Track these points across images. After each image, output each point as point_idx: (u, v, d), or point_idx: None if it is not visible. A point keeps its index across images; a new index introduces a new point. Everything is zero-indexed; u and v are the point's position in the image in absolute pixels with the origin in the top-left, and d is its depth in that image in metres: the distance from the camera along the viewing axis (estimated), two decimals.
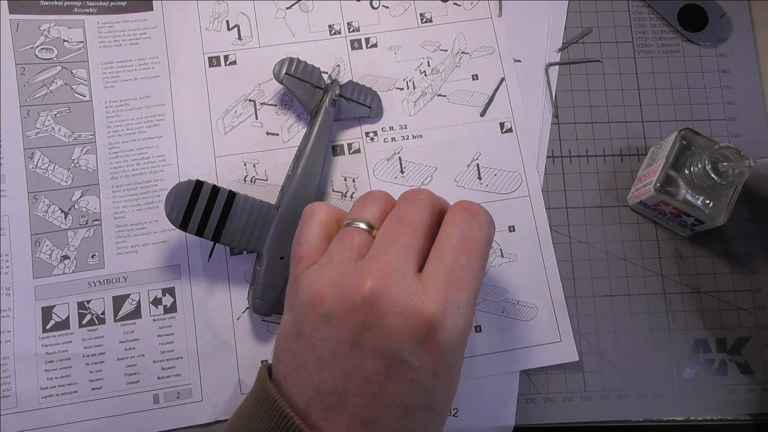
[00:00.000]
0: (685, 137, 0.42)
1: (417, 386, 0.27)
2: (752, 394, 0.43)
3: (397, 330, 0.27)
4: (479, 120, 0.47)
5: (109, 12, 0.48)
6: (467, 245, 0.29)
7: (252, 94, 0.47)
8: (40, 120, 0.46)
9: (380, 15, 0.49)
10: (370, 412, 0.27)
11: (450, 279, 0.28)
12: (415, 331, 0.27)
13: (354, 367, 0.28)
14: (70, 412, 0.41)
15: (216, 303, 0.43)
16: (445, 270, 0.28)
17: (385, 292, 0.28)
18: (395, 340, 0.27)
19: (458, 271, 0.28)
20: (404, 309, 0.27)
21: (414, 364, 0.27)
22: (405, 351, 0.27)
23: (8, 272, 0.43)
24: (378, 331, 0.27)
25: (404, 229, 0.30)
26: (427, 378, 0.27)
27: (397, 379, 0.27)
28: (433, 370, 0.27)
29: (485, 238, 0.30)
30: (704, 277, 0.45)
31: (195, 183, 0.40)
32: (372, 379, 0.27)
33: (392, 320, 0.27)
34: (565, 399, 0.43)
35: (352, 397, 0.28)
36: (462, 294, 0.28)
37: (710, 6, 0.49)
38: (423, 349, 0.27)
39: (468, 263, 0.29)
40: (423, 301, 0.27)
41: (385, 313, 0.27)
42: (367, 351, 0.27)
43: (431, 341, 0.27)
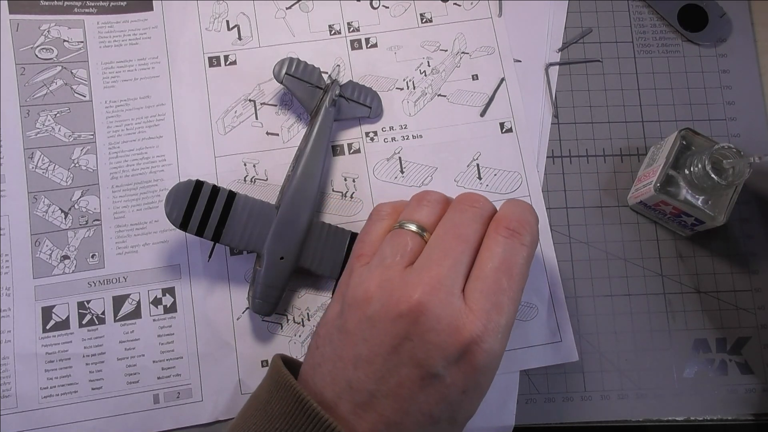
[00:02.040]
0: (685, 137, 0.42)
1: (445, 399, 0.29)
2: (752, 394, 0.43)
3: (436, 345, 0.28)
4: (479, 120, 0.47)
5: (109, 12, 0.48)
6: (508, 267, 0.30)
7: (252, 94, 0.47)
8: (40, 120, 0.46)
9: (380, 15, 0.49)
10: (397, 415, 0.28)
11: (492, 303, 0.29)
12: (454, 349, 0.28)
13: (390, 371, 0.29)
14: (70, 412, 0.41)
15: (216, 303, 0.43)
16: (487, 293, 0.29)
17: (431, 308, 0.29)
18: (433, 355, 0.28)
19: (500, 295, 0.29)
20: (447, 327, 0.28)
21: (447, 379, 0.28)
22: (440, 366, 0.28)
23: (8, 272, 0.43)
24: (419, 343, 0.29)
25: (457, 243, 0.31)
26: (456, 393, 0.29)
27: (428, 391, 0.28)
28: (464, 388, 0.29)
29: (526, 256, 0.31)
30: (704, 277, 0.45)
31: (195, 183, 0.40)
32: (404, 385, 0.29)
33: (434, 336, 0.28)
34: (565, 399, 0.43)
35: (383, 398, 0.29)
36: (502, 319, 0.29)
37: (710, 6, 0.49)
38: (457, 367, 0.28)
39: (509, 286, 0.30)
40: (465, 322, 0.28)
41: (429, 329, 0.29)
42: (405, 359, 0.29)
43: (466, 361, 0.28)
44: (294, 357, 0.38)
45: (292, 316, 0.43)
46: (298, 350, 0.43)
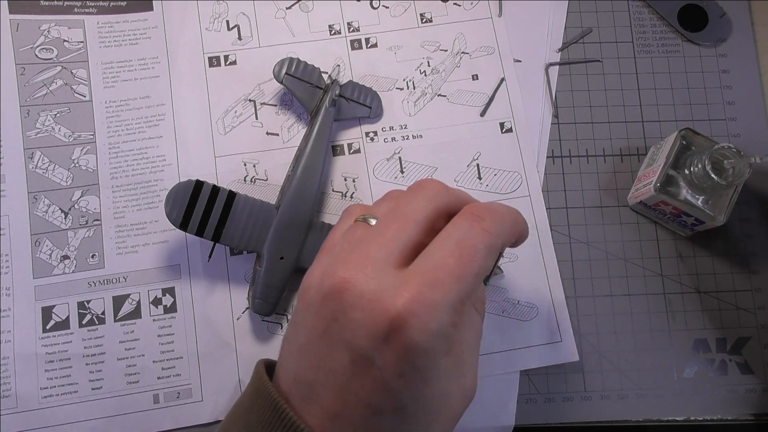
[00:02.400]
0: (685, 137, 0.42)
1: (381, 386, 0.26)
2: (752, 394, 0.43)
3: (361, 323, 0.26)
4: (479, 120, 0.47)
5: (109, 12, 0.48)
6: (459, 248, 0.27)
7: (252, 94, 0.47)
8: (40, 120, 0.46)
9: (380, 15, 0.49)
10: (337, 405, 0.27)
11: (429, 279, 0.26)
12: (380, 327, 0.26)
13: (323, 358, 0.27)
14: (70, 412, 0.41)
15: (216, 303, 0.43)
16: (426, 269, 0.27)
17: (356, 284, 0.27)
18: (359, 334, 0.26)
19: (441, 272, 0.27)
20: (370, 303, 0.26)
21: (377, 361, 0.26)
22: (368, 347, 0.26)
23: (8, 272, 0.43)
24: (345, 322, 0.27)
25: (395, 220, 0.29)
26: (392, 378, 0.26)
27: (361, 375, 0.26)
28: (399, 371, 0.26)
29: (487, 244, 0.28)
30: (704, 277, 0.45)
31: (195, 183, 0.40)
32: (338, 371, 0.27)
33: (358, 313, 0.26)
34: (565, 399, 0.43)
35: (322, 388, 0.27)
36: (437, 294, 0.26)
37: (710, 6, 0.49)
38: (387, 347, 0.26)
39: (456, 266, 0.27)
40: (392, 296, 0.26)
41: (353, 305, 0.27)
42: (334, 342, 0.27)
43: (395, 340, 0.26)
44: None
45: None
46: None
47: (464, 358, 0.29)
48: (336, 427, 0.27)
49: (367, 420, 0.27)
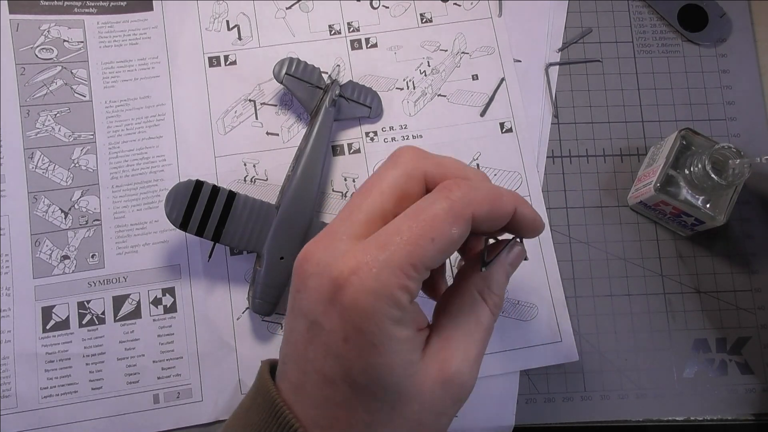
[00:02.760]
0: (685, 137, 0.42)
1: (330, 351, 0.26)
2: (752, 394, 0.43)
3: (314, 289, 0.26)
4: (479, 120, 0.47)
5: (109, 12, 0.48)
6: (416, 214, 0.26)
7: (252, 94, 0.47)
8: (40, 120, 0.46)
9: (380, 15, 0.49)
10: (298, 377, 0.27)
11: (379, 242, 0.26)
12: (326, 289, 0.26)
13: (290, 331, 0.28)
14: (70, 412, 0.41)
15: (216, 303, 0.43)
16: (378, 235, 0.26)
17: (313, 254, 0.27)
18: (311, 300, 0.26)
19: (392, 236, 0.26)
20: (323, 269, 0.26)
21: (325, 325, 0.26)
22: (318, 311, 0.26)
23: (8, 272, 0.43)
24: (304, 292, 0.27)
25: (360, 191, 0.29)
26: (338, 343, 0.26)
27: (314, 343, 0.26)
28: (344, 334, 0.25)
29: (447, 209, 0.26)
30: (704, 277, 0.45)
31: (195, 183, 0.40)
32: (299, 342, 0.27)
33: (313, 281, 0.26)
34: (565, 399, 0.43)
35: (288, 362, 0.28)
36: (381, 255, 0.25)
37: (710, 6, 0.49)
38: (333, 309, 0.26)
39: (408, 229, 0.26)
40: (340, 260, 0.26)
41: (310, 274, 0.27)
42: (296, 313, 0.27)
43: (338, 301, 0.25)
44: None
45: None
46: None
47: (448, 337, 0.28)
48: (298, 399, 0.27)
49: (322, 390, 0.26)
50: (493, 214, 0.28)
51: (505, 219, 0.29)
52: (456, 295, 0.29)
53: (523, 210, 0.29)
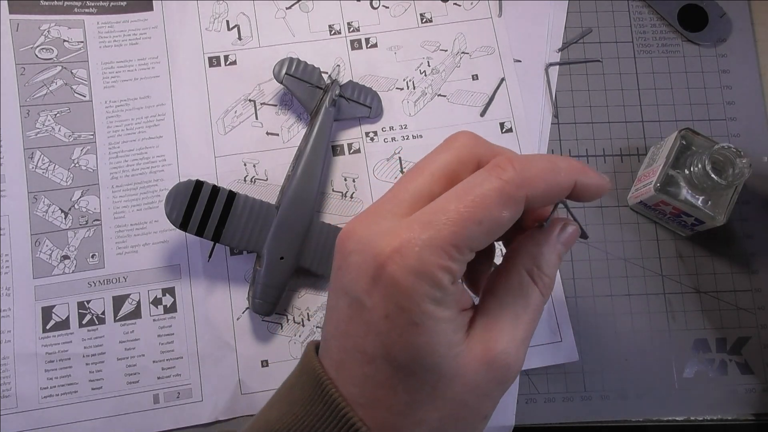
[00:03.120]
0: (685, 137, 0.42)
1: (371, 329, 0.26)
2: (752, 394, 0.43)
3: (356, 266, 0.26)
4: (479, 120, 0.47)
5: (109, 12, 0.48)
6: (464, 193, 0.26)
7: (252, 94, 0.47)
8: (40, 120, 0.46)
9: (380, 15, 0.49)
10: (341, 354, 0.27)
11: (423, 221, 0.25)
12: (369, 267, 0.25)
13: (332, 308, 0.28)
14: (70, 412, 0.41)
15: (216, 303, 0.43)
16: (422, 213, 0.26)
17: (356, 231, 0.27)
18: (353, 277, 0.26)
19: (437, 215, 0.25)
20: (366, 246, 0.26)
21: (366, 302, 0.26)
22: (359, 289, 0.26)
23: (8, 272, 0.43)
24: (345, 268, 0.27)
25: (410, 172, 0.28)
26: (379, 321, 0.25)
27: (355, 320, 0.26)
28: (385, 312, 0.25)
29: (497, 188, 0.25)
30: (704, 277, 0.45)
31: (195, 183, 0.40)
32: (341, 319, 0.27)
33: (355, 257, 0.26)
34: (565, 399, 0.43)
35: (330, 339, 0.27)
36: (425, 235, 0.25)
37: (710, 6, 0.49)
38: (375, 288, 0.25)
39: (455, 210, 0.25)
40: (385, 239, 0.25)
41: (352, 251, 0.26)
42: (338, 290, 0.27)
43: (381, 279, 0.25)
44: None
45: (292, 316, 0.44)
46: (297, 350, 0.43)
47: (494, 317, 0.27)
48: (339, 377, 0.27)
49: (362, 368, 0.26)
50: (550, 191, 0.27)
51: (565, 192, 0.27)
52: (504, 275, 0.28)
53: (584, 180, 0.27)
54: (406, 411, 0.26)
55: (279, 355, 0.43)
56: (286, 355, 0.43)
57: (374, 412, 0.26)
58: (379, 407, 0.26)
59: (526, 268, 0.28)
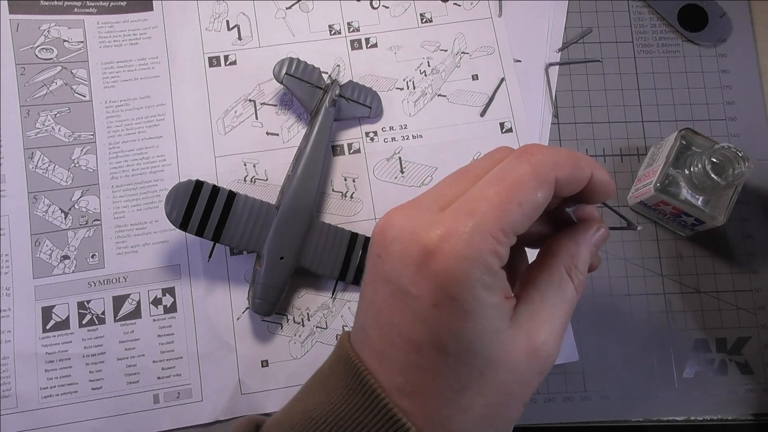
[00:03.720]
0: (685, 137, 0.42)
1: (419, 317, 0.26)
2: (752, 394, 0.43)
3: (399, 255, 0.26)
4: (479, 120, 0.47)
5: (109, 12, 0.48)
6: (500, 179, 0.26)
7: (252, 94, 0.47)
8: (40, 120, 0.46)
9: (380, 15, 0.49)
10: (382, 344, 0.27)
11: (464, 209, 0.26)
12: (414, 255, 0.26)
13: (371, 297, 0.28)
14: (70, 412, 0.41)
15: (216, 303, 0.43)
16: (464, 201, 0.26)
17: (397, 220, 0.27)
18: (396, 266, 0.26)
19: (478, 202, 0.26)
20: (408, 234, 0.26)
21: (413, 291, 0.26)
22: (404, 277, 0.26)
23: (8, 272, 0.43)
24: (386, 257, 0.27)
25: (454, 176, 0.29)
26: (427, 309, 0.25)
27: (401, 309, 0.26)
28: (434, 301, 0.25)
29: (530, 172, 0.26)
30: (704, 277, 0.45)
31: (195, 183, 0.40)
32: (383, 309, 0.27)
33: (397, 245, 0.26)
34: (565, 399, 0.43)
35: (370, 329, 0.27)
36: (471, 221, 0.25)
37: (710, 6, 0.49)
38: (421, 277, 0.26)
39: (495, 195, 0.26)
40: (428, 228, 0.26)
41: (393, 239, 0.27)
42: (378, 279, 0.27)
43: (428, 268, 0.25)
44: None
45: (292, 316, 0.44)
46: (298, 350, 0.43)
47: (537, 309, 0.28)
48: (382, 366, 0.27)
49: (408, 357, 0.26)
50: (574, 176, 0.28)
51: (584, 182, 0.29)
52: (544, 269, 0.29)
53: (599, 174, 0.29)
54: (454, 398, 0.26)
55: (279, 355, 0.43)
56: (286, 355, 0.43)
57: (421, 400, 0.26)
58: (427, 395, 0.26)
59: (565, 265, 0.29)
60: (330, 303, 0.44)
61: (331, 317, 0.44)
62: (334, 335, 0.43)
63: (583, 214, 0.32)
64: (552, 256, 0.30)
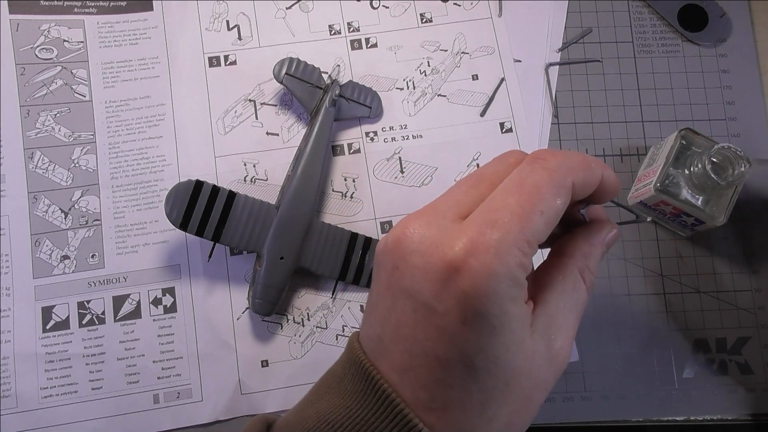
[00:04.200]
0: (685, 137, 0.42)
1: (445, 334, 0.25)
2: (752, 394, 0.43)
3: (420, 268, 0.26)
4: (479, 120, 0.47)
5: (109, 12, 0.48)
6: (520, 187, 0.26)
7: (252, 94, 0.47)
8: (40, 120, 0.46)
9: (380, 15, 0.49)
10: (404, 359, 0.26)
11: (487, 220, 0.25)
12: (438, 269, 0.25)
13: (388, 310, 0.27)
14: (70, 412, 0.41)
15: (216, 303, 0.43)
16: (484, 211, 0.26)
17: (414, 230, 0.26)
18: (418, 280, 0.26)
19: (500, 212, 0.25)
20: (429, 247, 0.25)
21: (438, 308, 0.25)
22: (428, 292, 0.25)
23: (8, 272, 0.43)
24: (404, 269, 0.26)
25: (470, 180, 0.28)
26: (454, 326, 0.25)
27: (424, 324, 0.25)
28: (461, 317, 0.25)
29: (548, 179, 0.26)
30: (704, 277, 0.45)
31: (195, 183, 0.40)
32: (402, 323, 0.26)
33: (417, 258, 0.26)
34: (565, 399, 0.43)
35: (389, 342, 0.27)
36: (496, 234, 0.25)
37: (710, 6, 0.49)
38: (446, 292, 0.25)
39: (517, 204, 0.25)
40: (450, 240, 0.25)
41: (412, 251, 0.26)
42: (396, 292, 0.26)
43: (454, 283, 0.25)
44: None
45: (292, 316, 0.44)
46: (298, 350, 0.43)
47: (554, 315, 0.27)
48: (404, 381, 0.26)
49: (434, 372, 0.26)
50: (587, 179, 0.28)
51: (596, 184, 0.28)
52: (557, 270, 0.29)
53: (608, 174, 0.29)
54: (480, 410, 0.26)
55: (279, 355, 0.43)
56: (286, 355, 0.43)
57: (447, 415, 0.26)
58: (453, 409, 0.26)
59: (579, 265, 0.29)
60: (330, 303, 0.44)
61: (331, 317, 0.44)
62: (334, 335, 0.43)
63: (594, 214, 0.31)
64: (566, 256, 0.29)
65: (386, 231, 0.45)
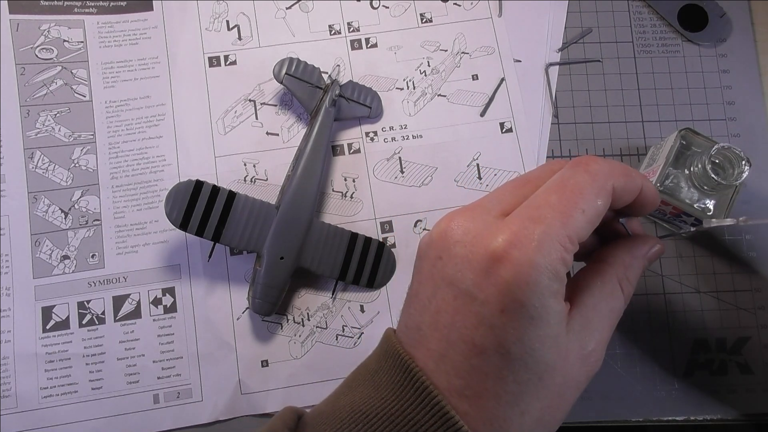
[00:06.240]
0: (685, 137, 0.42)
1: (483, 322, 0.26)
2: (752, 394, 0.43)
3: (463, 258, 0.27)
4: (479, 120, 0.47)
5: (109, 12, 0.48)
6: (562, 186, 0.27)
7: (252, 94, 0.47)
8: (40, 120, 0.46)
9: (380, 15, 0.49)
10: (441, 346, 0.27)
11: (529, 215, 0.26)
12: (481, 260, 0.26)
13: (429, 298, 0.28)
14: (70, 412, 0.41)
15: (216, 303, 0.43)
16: (527, 207, 0.27)
17: (460, 222, 0.28)
18: (461, 269, 0.27)
19: (542, 209, 0.26)
20: (473, 238, 0.27)
21: (479, 295, 0.26)
22: (469, 281, 0.26)
23: (8, 272, 0.43)
24: (448, 259, 0.27)
25: (517, 182, 0.30)
26: (493, 314, 0.26)
27: (464, 312, 0.26)
28: (501, 307, 0.25)
29: (589, 181, 0.27)
30: (704, 277, 0.45)
31: (195, 183, 0.40)
32: (442, 310, 0.27)
33: (460, 248, 0.27)
34: None
35: (427, 329, 0.27)
36: (538, 228, 0.26)
37: (710, 6, 0.49)
38: (488, 282, 0.26)
39: (559, 202, 0.26)
40: (493, 231, 0.26)
41: (456, 241, 0.27)
42: (438, 280, 0.27)
43: (496, 274, 0.26)
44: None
45: (292, 316, 0.44)
46: (298, 350, 0.43)
47: (589, 317, 0.28)
48: (440, 368, 0.27)
49: (470, 360, 0.26)
50: (627, 186, 0.29)
51: (636, 193, 0.29)
52: (597, 277, 0.30)
53: (647, 185, 0.30)
54: (513, 401, 0.26)
55: (279, 355, 0.43)
56: (286, 355, 0.43)
57: (481, 403, 0.26)
58: (487, 397, 0.26)
59: (618, 275, 0.30)
60: (330, 303, 0.44)
61: (331, 317, 0.44)
62: (334, 335, 0.43)
63: (634, 228, 0.32)
64: (606, 264, 0.30)
65: (386, 231, 0.45)
